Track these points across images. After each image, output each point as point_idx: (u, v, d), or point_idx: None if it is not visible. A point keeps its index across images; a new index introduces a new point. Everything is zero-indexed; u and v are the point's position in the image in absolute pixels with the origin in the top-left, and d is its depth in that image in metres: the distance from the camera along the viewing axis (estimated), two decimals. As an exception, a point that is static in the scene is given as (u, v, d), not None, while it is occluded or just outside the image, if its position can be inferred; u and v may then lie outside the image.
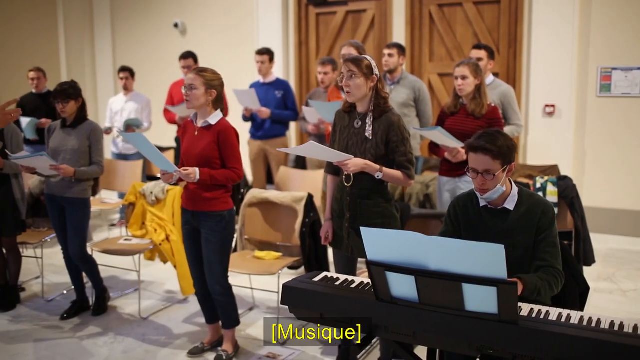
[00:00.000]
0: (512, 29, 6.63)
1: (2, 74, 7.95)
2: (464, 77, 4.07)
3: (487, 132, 2.61)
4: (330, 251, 3.63)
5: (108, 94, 8.88)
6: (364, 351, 3.77)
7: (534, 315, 2.25)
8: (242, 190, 6.11)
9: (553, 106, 6.39)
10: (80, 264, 4.36)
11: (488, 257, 2.07)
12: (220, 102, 3.54)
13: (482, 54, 4.88)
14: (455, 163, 4.09)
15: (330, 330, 4.01)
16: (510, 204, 2.64)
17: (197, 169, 3.40)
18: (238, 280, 4.48)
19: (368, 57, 3.21)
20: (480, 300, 2.14)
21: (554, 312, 2.27)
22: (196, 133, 3.53)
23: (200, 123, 3.54)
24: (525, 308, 2.32)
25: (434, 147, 4.31)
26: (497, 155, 2.53)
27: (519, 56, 6.58)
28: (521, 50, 6.55)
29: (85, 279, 4.58)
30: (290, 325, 4.13)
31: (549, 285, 2.49)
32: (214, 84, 3.48)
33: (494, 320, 2.15)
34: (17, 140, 4.41)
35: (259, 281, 4.60)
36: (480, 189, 2.61)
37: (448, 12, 6.98)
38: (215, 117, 3.51)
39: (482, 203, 2.69)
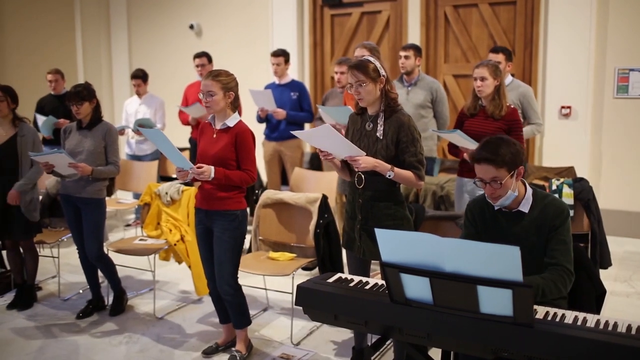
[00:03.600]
0: (527, 30, 6.59)
1: (21, 75, 8.03)
2: (483, 79, 4.04)
3: (489, 141, 2.60)
4: (344, 252, 3.62)
5: (124, 95, 8.94)
6: (377, 353, 3.76)
7: (549, 318, 2.23)
8: (257, 191, 6.14)
9: (569, 107, 6.35)
10: (97, 264, 4.40)
11: (503, 259, 2.06)
12: (237, 101, 3.58)
13: (499, 57, 4.86)
14: (473, 165, 4.06)
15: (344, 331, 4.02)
16: (524, 207, 2.63)
17: (212, 167, 3.42)
18: (252, 280, 4.50)
19: (371, 59, 3.18)
20: (495, 302, 2.13)
21: (569, 315, 2.25)
22: (214, 135, 3.55)
23: (218, 125, 3.56)
24: (540, 311, 2.30)
25: (453, 149, 4.28)
26: (500, 163, 2.52)
27: (535, 57, 6.54)
28: (537, 51, 6.51)
29: (101, 279, 4.61)
30: (304, 326, 4.14)
31: (555, 285, 2.48)
32: (230, 85, 3.50)
33: (509, 322, 2.14)
34: (38, 142, 4.49)
35: (273, 282, 4.61)
36: (491, 197, 2.60)
37: (463, 13, 6.95)
38: (233, 120, 3.53)
39: (496, 206, 2.68)
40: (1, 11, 8.25)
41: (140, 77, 6.81)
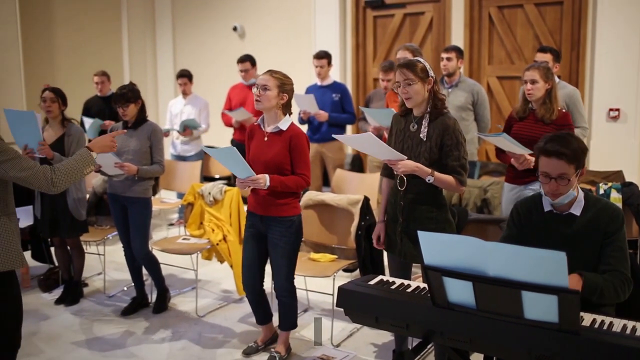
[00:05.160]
0: (575, 31, 6.46)
1: (70, 77, 8.25)
2: (533, 82, 3.90)
3: (558, 135, 2.54)
4: (385, 254, 3.61)
5: (169, 96, 9.09)
6: (418, 356, 3.73)
7: (596, 326, 2.19)
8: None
9: (617, 110, 6.19)
10: (143, 262, 4.48)
11: (549, 264, 2.02)
12: (289, 108, 3.55)
13: (547, 57, 4.76)
14: (522, 170, 3.97)
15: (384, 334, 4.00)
16: (576, 210, 2.57)
17: (266, 176, 3.40)
18: (293, 281, 4.52)
19: (421, 60, 3.18)
20: (540, 308, 2.10)
21: (618, 323, 2.20)
22: (265, 138, 3.53)
23: (269, 128, 3.53)
24: (587, 318, 2.26)
25: (500, 153, 4.20)
26: (571, 159, 2.46)
27: (582, 59, 6.40)
28: (584, 52, 6.37)
29: (145, 277, 4.70)
30: (344, 328, 4.14)
31: (614, 289, 2.40)
32: (286, 87, 3.49)
33: (554, 329, 2.09)
34: (84, 142, 4.59)
35: (314, 283, 4.62)
36: (552, 193, 2.53)
37: (508, 14, 6.85)
38: (286, 122, 3.51)
39: (547, 208, 2.62)
40: (53, 16, 8.49)
41: (186, 76, 6.91)
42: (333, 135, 3.37)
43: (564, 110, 4.02)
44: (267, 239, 3.61)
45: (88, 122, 6.37)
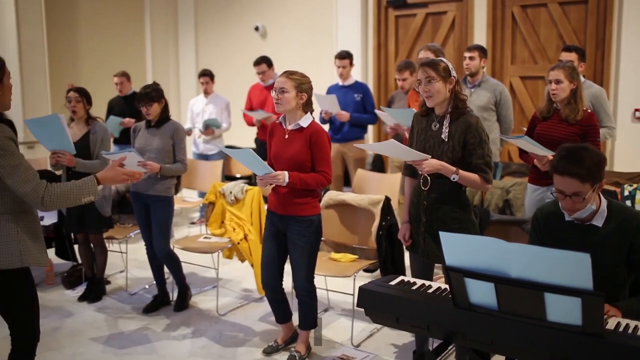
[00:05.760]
0: (599, 30, 6.37)
1: (94, 77, 8.34)
2: (558, 81, 3.83)
3: (571, 151, 2.43)
4: (406, 255, 3.60)
5: (191, 95, 9.14)
6: (439, 358, 3.71)
7: (621, 329, 2.15)
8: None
9: (643, 110, 6.11)
10: (164, 260, 4.51)
11: (572, 266, 2.00)
12: (310, 106, 3.55)
13: (572, 56, 4.69)
14: (544, 172, 3.92)
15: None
16: (598, 221, 2.50)
17: (285, 173, 3.42)
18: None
19: (444, 60, 3.18)
20: (563, 310, 2.07)
21: (642, 327, 2.17)
22: (286, 136, 3.54)
23: (290, 126, 3.54)
24: (611, 321, 2.22)
25: (523, 154, 4.16)
26: (585, 177, 2.38)
27: (607, 58, 6.31)
28: (609, 52, 6.29)
29: (166, 275, 4.73)
30: (365, 328, 4.13)
31: None
32: (304, 87, 3.49)
33: (578, 332, 2.07)
34: (108, 140, 4.65)
35: (334, 283, 4.62)
36: (568, 210, 2.48)
37: (531, 13, 6.79)
38: (306, 120, 3.52)
39: (567, 217, 2.57)
40: (77, 17, 8.59)
41: (208, 75, 6.96)
42: (355, 145, 3.39)
43: (589, 111, 3.96)
44: (287, 238, 3.62)
45: (113, 120, 6.45)
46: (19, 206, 2.71)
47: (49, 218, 5.26)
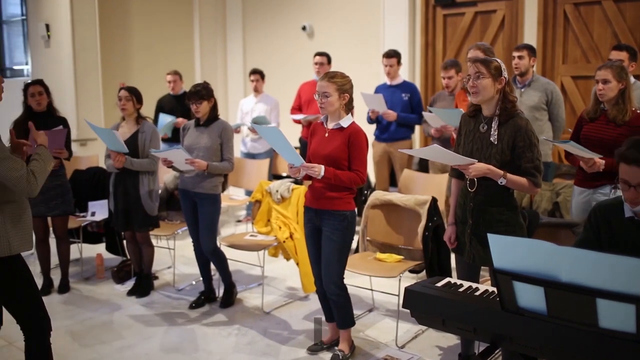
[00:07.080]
0: (657, 29, 6.18)
1: (144, 76, 8.51)
2: (605, 81, 3.73)
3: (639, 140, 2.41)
4: (453, 256, 3.56)
5: (238, 95, 9.24)
6: (485, 361, 3.67)
7: (676, 338, 2.08)
8: (366, 192, 6.15)
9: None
10: (211, 257, 4.57)
11: (627, 272, 1.94)
12: (351, 104, 3.60)
13: (622, 55, 4.57)
14: (591, 174, 3.83)
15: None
16: None
17: (322, 166, 3.46)
18: (358, 281, 4.51)
19: (498, 60, 3.13)
20: (616, 317, 2.02)
21: (700, 336, 2.09)
22: (326, 135, 3.59)
23: (331, 125, 3.59)
24: (667, 329, 2.15)
25: (569, 155, 4.07)
26: None
27: (664, 57, 6.11)
28: (667, 51, 6.08)
29: (213, 271, 4.79)
30: (409, 329, 4.11)
31: None
32: (345, 87, 3.52)
33: (631, 340, 2.01)
34: (157, 139, 4.74)
35: (379, 283, 4.60)
36: (632, 201, 2.43)
37: (584, 11, 6.62)
38: (347, 120, 3.56)
39: (627, 214, 2.51)
40: (129, 18, 8.78)
41: (259, 72, 7.05)
42: (400, 150, 3.39)
43: (638, 112, 3.84)
44: (322, 233, 3.64)
45: (164, 119, 6.57)
46: (4, 196, 2.81)
47: (100, 214, 5.39)
